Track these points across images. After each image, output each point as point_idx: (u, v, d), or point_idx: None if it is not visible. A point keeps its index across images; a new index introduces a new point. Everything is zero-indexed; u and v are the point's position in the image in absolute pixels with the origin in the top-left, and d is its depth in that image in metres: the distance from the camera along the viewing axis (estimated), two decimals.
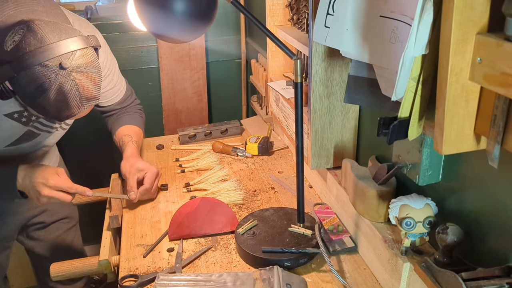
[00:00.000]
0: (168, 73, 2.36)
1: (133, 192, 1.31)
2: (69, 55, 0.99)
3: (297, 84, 1.00)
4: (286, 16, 1.51)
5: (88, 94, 1.04)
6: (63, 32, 1.01)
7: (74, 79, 1.00)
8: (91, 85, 1.04)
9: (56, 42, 0.98)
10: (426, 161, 0.85)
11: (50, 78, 0.97)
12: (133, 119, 1.54)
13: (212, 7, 1.01)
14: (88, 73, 1.03)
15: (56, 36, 0.99)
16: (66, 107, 1.02)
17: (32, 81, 0.97)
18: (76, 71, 1.00)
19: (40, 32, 0.97)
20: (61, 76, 0.98)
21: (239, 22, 2.39)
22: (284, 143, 1.73)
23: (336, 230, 1.16)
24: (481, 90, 0.63)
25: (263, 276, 1.00)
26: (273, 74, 1.62)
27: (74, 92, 1.01)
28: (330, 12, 0.84)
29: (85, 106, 1.05)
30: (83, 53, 1.03)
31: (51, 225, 1.62)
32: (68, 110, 1.03)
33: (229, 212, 1.24)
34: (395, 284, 0.93)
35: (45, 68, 0.96)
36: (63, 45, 0.99)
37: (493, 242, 0.77)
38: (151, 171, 1.36)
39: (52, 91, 0.98)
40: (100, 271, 1.19)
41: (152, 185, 1.36)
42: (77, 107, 1.04)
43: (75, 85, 1.00)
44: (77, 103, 1.03)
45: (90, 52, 1.05)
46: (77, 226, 1.75)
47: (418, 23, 0.62)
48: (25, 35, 0.96)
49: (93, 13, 2.26)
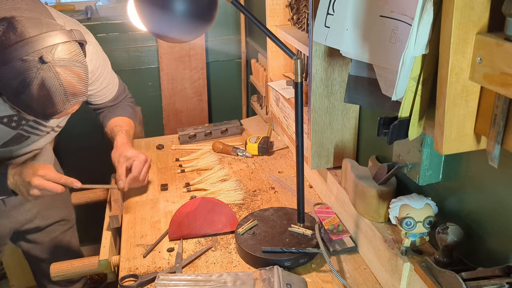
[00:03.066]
0: (168, 73, 2.36)
1: (121, 181, 1.31)
2: (50, 49, 0.97)
3: (297, 84, 1.00)
4: (286, 16, 1.51)
5: (74, 89, 1.02)
6: (44, 26, 1.00)
7: (57, 73, 0.98)
8: (76, 79, 1.02)
9: (37, 35, 0.97)
10: (426, 161, 0.85)
11: (31, 72, 0.96)
12: (124, 111, 1.53)
13: (212, 7, 1.01)
14: (72, 68, 1.01)
15: (37, 30, 0.98)
16: (51, 103, 1.00)
17: (14, 77, 0.96)
18: (59, 65, 0.98)
19: (20, 27, 0.96)
20: (42, 71, 0.96)
21: (239, 22, 2.39)
22: (284, 143, 1.73)
23: (336, 230, 1.16)
24: (481, 90, 0.63)
25: (263, 276, 1.00)
26: (273, 74, 1.62)
27: (57, 87, 0.99)
28: (330, 12, 0.84)
29: (71, 102, 1.03)
30: (66, 47, 1.01)
31: (46, 228, 1.61)
32: (53, 106, 1.01)
33: (229, 212, 1.24)
34: (395, 284, 0.93)
35: (26, 63, 0.95)
36: (43, 39, 0.97)
37: (493, 242, 0.77)
38: (139, 158, 1.34)
39: (34, 86, 0.97)
40: (100, 271, 1.19)
41: (139, 172, 1.34)
42: (63, 103, 1.02)
43: (58, 80, 0.99)
44: (62, 99, 1.01)
45: (73, 46, 1.03)
46: (74, 228, 1.74)
47: (418, 23, 0.62)
48: (5, 30, 0.96)
49: (93, 13, 2.26)
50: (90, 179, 1.31)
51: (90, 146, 2.38)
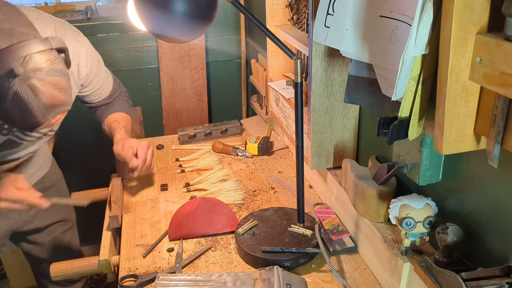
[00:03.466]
0: (168, 73, 2.36)
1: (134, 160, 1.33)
2: (21, 60, 0.91)
3: (297, 84, 1.00)
4: (286, 16, 1.51)
5: (53, 100, 0.96)
6: (15, 37, 0.93)
7: (32, 86, 0.92)
8: (55, 90, 0.96)
9: (6, 48, 0.91)
10: (426, 161, 0.85)
11: (4, 87, 0.91)
12: (120, 106, 1.54)
13: (212, 7, 1.01)
14: (50, 78, 0.95)
15: (7, 42, 0.91)
16: (30, 115, 0.95)
17: None
18: (34, 77, 0.93)
19: None
20: (15, 85, 0.91)
21: (239, 22, 2.39)
22: (284, 143, 1.73)
23: (336, 230, 1.16)
24: (481, 90, 0.63)
25: (263, 276, 1.00)
26: (273, 74, 1.62)
27: (34, 100, 0.93)
28: (330, 12, 0.84)
29: (51, 113, 0.98)
30: (40, 57, 0.94)
31: (46, 228, 1.61)
32: (33, 118, 0.96)
33: (229, 212, 1.24)
34: (395, 284, 0.93)
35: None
36: (14, 51, 0.91)
37: (493, 242, 0.77)
38: (141, 144, 1.37)
39: (8, 101, 0.92)
40: (100, 271, 1.19)
41: (145, 155, 1.36)
42: (42, 115, 0.96)
43: (33, 93, 0.93)
44: (40, 112, 0.96)
45: (50, 55, 0.97)
46: (74, 228, 1.74)
47: (418, 23, 0.62)
48: None
49: (93, 13, 2.26)
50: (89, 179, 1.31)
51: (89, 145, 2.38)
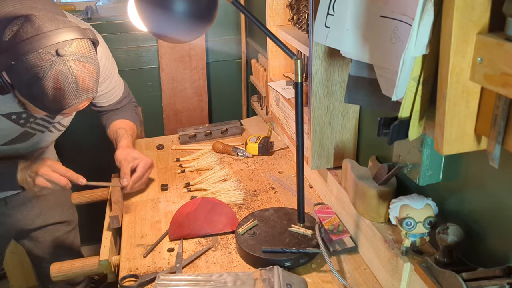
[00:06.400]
0: (168, 73, 2.36)
1: (126, 179, 1.34)
2: (66, 43, 1.01)
3: (298, 84, 1.00)
4: (287, 16, 1.51)
5: (85, 84, 1.05)
6: (60, 23, 1.03)
7: (71, 67, 1.01)
8: (88, 75, 1.05)
9: (53, 30, 1.00)
10: (427, 161, 0.85)
11: (46, 65, 0.99)
12: (127, 114, 1.56)
13: (212, 7, 1.01)
14: (85, 63, 1.04)
15: (54, 26, 1.01)
16: (62, 96, 1.02)
17: (29, 68, 0.98)
18: (73, 59, 1.02)
19: (38, 22, 1.00)
20: (57, 63, 0.99)
21: (239, 22, 2.39)
22: (284, 143, 1.73)
23: (337, 230, 1.16)
24: (482, 90, 0.62)
25: (263, 276, 1.00)
26: (273, 74, 1.62)
27: (70, 81, 1.02)
28: (330, 12, 0.84)
29: (81, 97, 1.06)
30: (80, 44, 1.04)
31: (49, 226, 1.62)
32: (64, 100, 1.03)
33: (229, 212, 1.24)
34: (396, 284, 0.93)
35: (42, 55, 0.98)
36: (60, 34, 1.01)
37: (494, 242, 0.77)
38: (144, 160, 1.38)
39: (48, 79, 0.99)
40: (100, 271, 1.19)
41: (144, 173, 1.38)
42: (74, 97, 1.04)
43: (71, 73, 1.01)
44: (73, 93, 1.03)
45: (87, 44, 1.06)
46: (76, 229, 1.75)
47: (418, 23, 0.62)
48: (23, 25, 0.99)
49: (93, 13, 2.26)
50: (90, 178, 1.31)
51: (91, 145, 2.38)
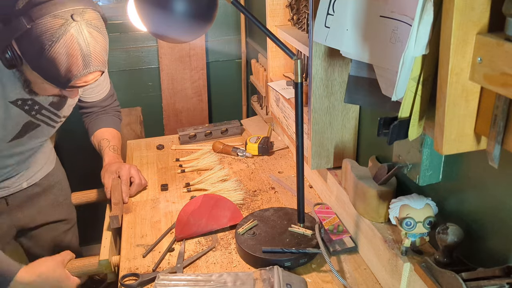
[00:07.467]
0: (168, 73, 2.36)
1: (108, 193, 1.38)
2: (80, 10, 1.03)
3: (297, 84, 1.00)
4: (286, 16, 1.51)
5: (97, 54, 1.07)
6: None
7: (85, 32, 1.03)
8: (100, 46, 1.08)
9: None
10: (427, 161, 0.85)
11: (61, 28, 1.00)
12: (110, 121, 1.58)
13: (212, 7, 1.01)
14: (98, 33, 1.06)
15: None
16: (74, 64, 1.03)
17: (43, 32, 1.00)
18: (87, 25, 1.04)
19: None
20: (71, 28, 1.01)
21: (239, 22, 2.39)
22: (284, 143, 1.73)
23: (336, 230, 1.16)
24: (482, 90, 0.62)
25: (263, 276, 1.00)
26: (273, 74, 1.62)
27: (83, 47, 1.03)
28: (330, 12, 0.84)
29: (92, 67, 1.07)
30: (94, 14, 1.07)
31: (48, 225, 1.62)
32: (76, 68, 1.04)
33: (232, 206, 1.24)
34: (395, 284, 0.93)
35: (57, 19, 1.00)
36: (74, 1, 1.03)
37: (494, 242, 0.77)
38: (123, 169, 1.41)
39: (62, 43, 1.01)
40: (100, 271, 1.19)
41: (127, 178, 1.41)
42: (85, 65, 1.05)
43: (85, 40, 1.03)
44: (85, 61, 1.05)
45: (99, 16, 1.09)
46: (75, 228, 1.74)
47: (418, 23, 0.62)
48: None
49: None
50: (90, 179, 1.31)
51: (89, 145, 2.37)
